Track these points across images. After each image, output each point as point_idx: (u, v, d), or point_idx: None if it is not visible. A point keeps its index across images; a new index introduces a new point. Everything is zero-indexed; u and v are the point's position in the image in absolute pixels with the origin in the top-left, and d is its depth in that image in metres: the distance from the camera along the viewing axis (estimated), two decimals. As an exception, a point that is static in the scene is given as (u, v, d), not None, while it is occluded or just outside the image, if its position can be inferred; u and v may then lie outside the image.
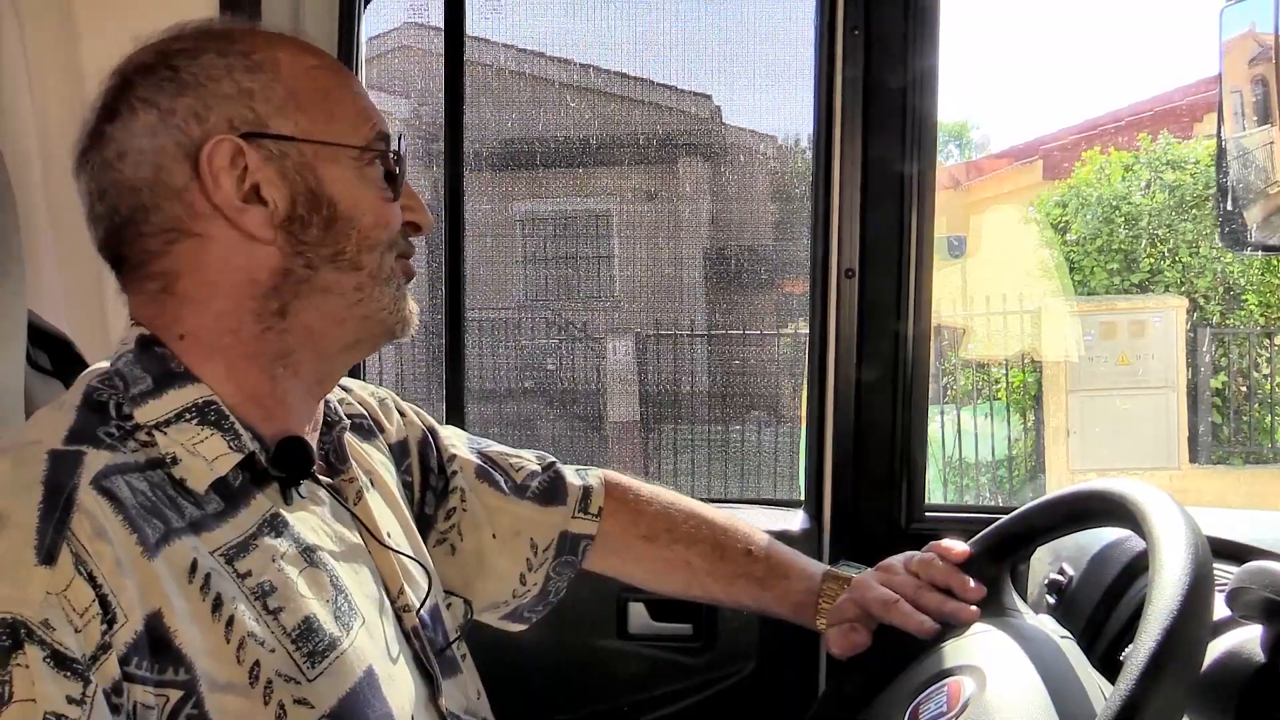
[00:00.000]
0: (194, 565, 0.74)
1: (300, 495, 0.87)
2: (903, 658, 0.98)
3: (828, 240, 1.59)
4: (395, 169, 0.87)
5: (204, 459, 0.78)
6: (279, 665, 0.76)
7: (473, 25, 1.96)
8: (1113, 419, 6.08)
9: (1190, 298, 6.22)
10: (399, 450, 1.08)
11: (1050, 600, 1.19)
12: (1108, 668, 0.91)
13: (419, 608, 0.94)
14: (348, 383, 1.08)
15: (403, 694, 0.86)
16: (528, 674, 1.58)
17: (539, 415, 3.95)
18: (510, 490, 1.13)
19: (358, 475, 0.95)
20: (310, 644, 0.78)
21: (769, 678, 1.62)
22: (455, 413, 1.76)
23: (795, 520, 1.65)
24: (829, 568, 1.16)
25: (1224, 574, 0.80)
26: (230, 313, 0.81)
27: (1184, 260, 6.31)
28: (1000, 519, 1.03)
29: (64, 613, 0.66)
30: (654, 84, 3.27)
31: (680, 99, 3.42)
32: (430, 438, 1.12)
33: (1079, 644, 0.94)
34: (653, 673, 1.63)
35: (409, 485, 1.08)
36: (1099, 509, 0.89)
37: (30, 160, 1.40)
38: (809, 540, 1.60)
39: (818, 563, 1.18)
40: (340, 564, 0.86)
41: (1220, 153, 1.26)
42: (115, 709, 0.67)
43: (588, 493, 1.16)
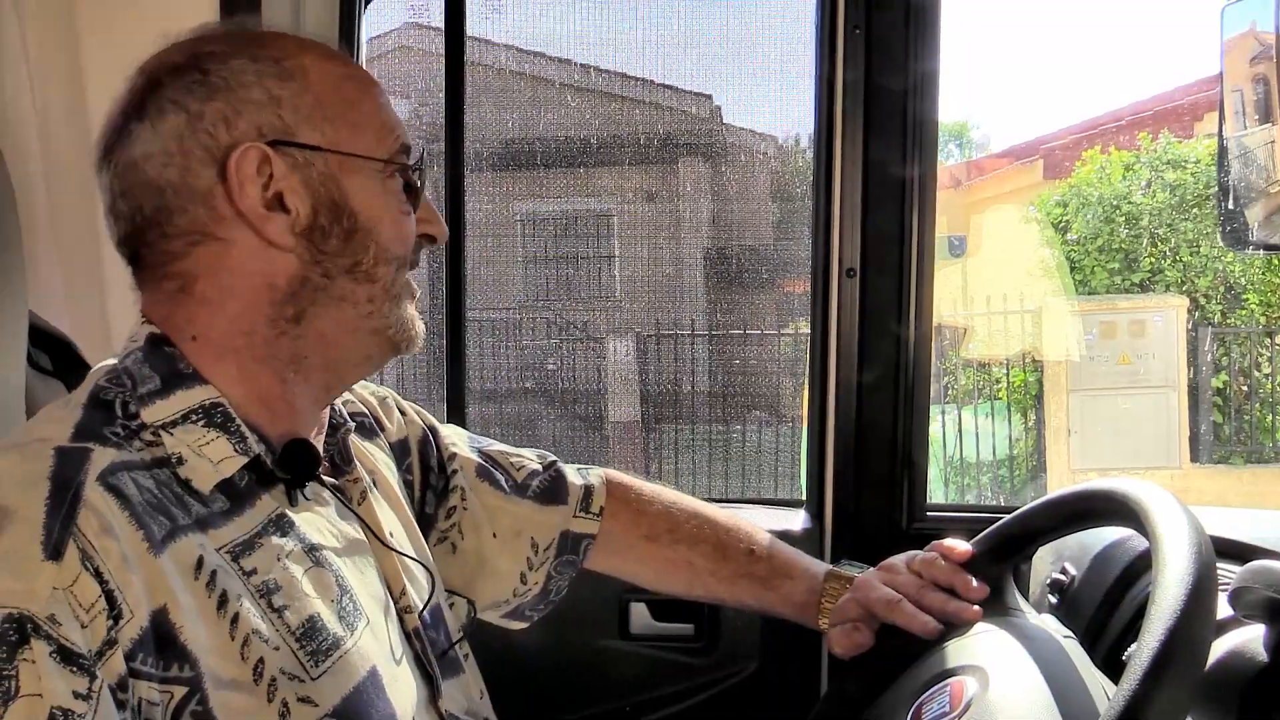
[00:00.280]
0: (200, 562, 0.74)
1: (305, 497, 0.87)
2: (905, 658, 0.98)
3: (829, 240, 1.59)
4: (415, 181, 0.88)
5: (209, 460, 0.78)
6: (283, 663, 0.76)
7: (473, 25, 1.96)
8: (1114, 418, 6.07)
9: (1191, 297, 6.21)
10: (399, 449, 1.08)
11: (1052, 600, 1.19)
12: (1110, 668, 0.91)
13: (422, 608, 0.94)
14: None
15: (405, 695, 0.86)
16: (530, 674, 1.58)
17: (540, 416, 3.95)
18: (511, 489, 1.13)
19: (361, 476, 0.95)
20: (314, 643, 0.78)
21: (771, 678, 1.62)
22: (456, 413, 1.76)
23: (797, 520, 1.65)
24: (831, 567, 1.16)
25: (1227, 573, 0.80)
26: (245, 316, 0.82)
27: (1185, 259, 6.30)
28: (1002, 519, 1.02)
29: (70, 608, 0.66)
30: (654, 84, 3.27)
31: (681, 99, 3.43)
32: (431, 436, 1.12)
33: (1081, 644, 0.93)
34: (655, 673, 1.63)
35: (410, 484, 1.08)
36: (1102, 508, 0.89)
37: (32, 161, 1.40)
38: (810, 540, 1.60)
39: (820, 562, 1.18)
40: (345, 564, 0.86)
41: (1221, 151, 1.26)
42: (121, 705, 0.67)
43: (589, 492, 1.16)
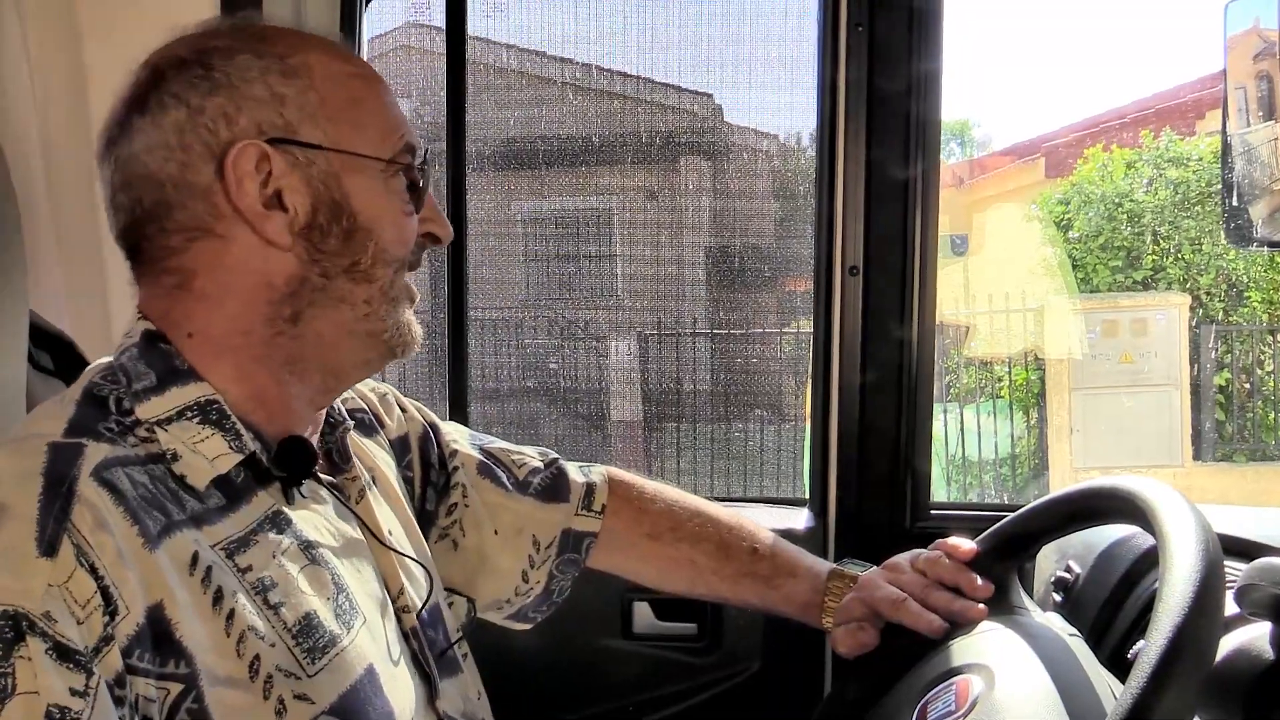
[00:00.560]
0: (195, 558, 0.74)
1: (302, 494, 0.86)
2: (910, 657, 0.98)
3: (831, 238, 1.58)
4: (419, 181, 0.87)
5: (204, 457, 0.78)
6: (279, 660, 0.75)
7: (474, 25, 1.96)
8: (1116, 417, 6.07)
9: (1193, 295, 6.21)
10: (400, 445, 1.08)
11: (1056, 598, 1.19)
12: (1116, 666, 0.91)
13: (420, 608, 0.94)
14: None
15: (404, 695, 0.86)
16: (532, 674, 1.58)
17: (541, 415, 3.94)
18: (512, 487, 1.13)
19: (360, 474, 0.95)
20: (310, 640, 0.78)
21: (774, 678, 1.62)
22: (458, 412, 1.76)
23: (799, 519, 1.64)
24: (835, 566, 1.15)
25: (1233, 571, 0.80)
26: (243, 315, 0.81)
27: (1187, 257, 6.30)
28: (1006, 517, 1.02)
29: (66, 605, 0.65)
30: (656, 83, 3.27)
31: (682, 98, 3.42)
32: (431, 433, 1.12)
33: (1086, 642, 0.93)
34: (657, 672, 1.63)
35: (410, 481, 1.08)
36: (1108, 506, 0.89)
37: (33, 161, 1.40)
38: (813, 539, 1.60)
39: (824, 561, 1.18)
40: (342, 563, 0.86)
41: (1225, 149, 1.26)
42: (118, 701, 0.66)
43: (591, 490, 1.16)
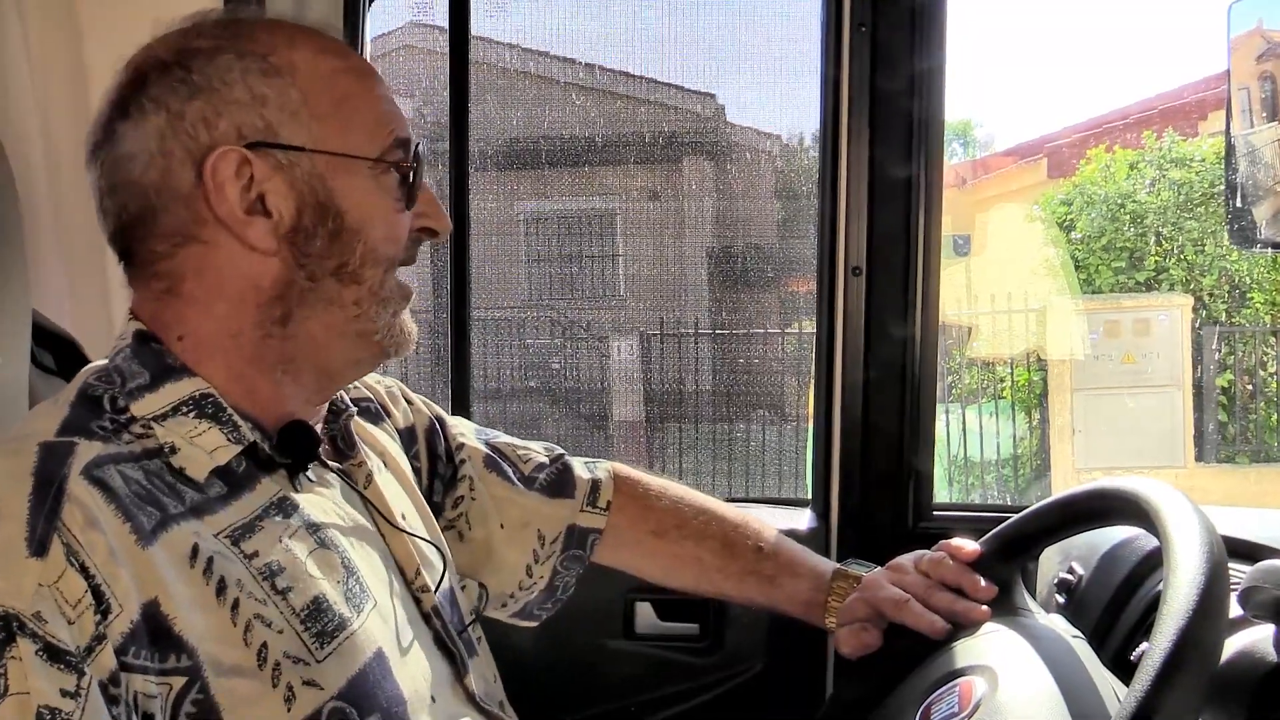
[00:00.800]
0: (195, 550, 0.73)
1: (309, 479, 0.86)
2: (913, 658, 0.98)
3: (834, 238, 1.58)
4: (411, 176, 0.86)
5: (203, 449, 0.78)
6: (287, 646, 0.75)
7: (477, 25, 1.95)
8: (1118, 417, 6.06)
9: (1196, 296, 6.20)
10: (406, 436, 1.08)
11: (1059, 600, 1.18)
12: (1119, 667, 0.91)
13: (435, 589, 0.93)
14: None
15: (417, 676, 0.86)
16: (534, 673, 1.57)
17: (544, 415, 3.95)
18: (518, 481, 1.13)
19: (367, 459, 0.94)
20: (319, 624, 0.78)
21: (776, 678, 1.61)
22: (461, 412, 1.75)
23: (803, 519, 1.64)
24: (839, 566, 1.15)
25: (1237, 573, 0.80)
26: (232, 318, 0.81)
27: (1189, 258, 6.29)
28: (1009, 518, 1.02)
29: (56, 605, 0.65)
30: (659, 83, 3.27)
31: (685, 98, 3.42)
32: (438, 426, 1.12)
33: (1089, 643, 0.93)
34: (659, 672, 1.63)
35: (417, 472, 1.07)
36: (1112, 507, 0.89)
37: (34, 160, 1.40)
38: (816, 540, 1.59)
39: (828, 561, 1.18)
40: (351, 546, 0.86)
41: (1228, 150, 1.25)
42: (113, 700, 0.66)
43: (596, 486, 1.16)
